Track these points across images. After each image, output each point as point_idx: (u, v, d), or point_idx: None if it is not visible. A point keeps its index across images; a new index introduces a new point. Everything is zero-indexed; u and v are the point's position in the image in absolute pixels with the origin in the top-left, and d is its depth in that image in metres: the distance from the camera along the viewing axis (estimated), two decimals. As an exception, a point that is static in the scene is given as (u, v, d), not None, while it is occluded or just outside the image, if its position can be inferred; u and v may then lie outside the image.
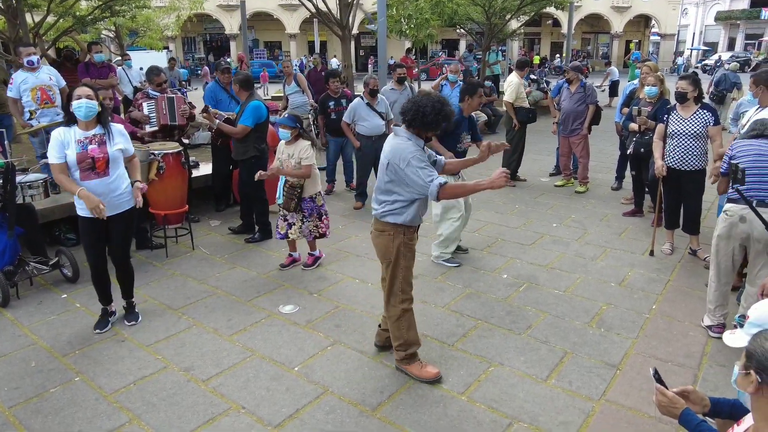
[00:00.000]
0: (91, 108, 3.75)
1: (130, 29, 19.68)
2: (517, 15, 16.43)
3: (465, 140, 5.30)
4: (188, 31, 36.87)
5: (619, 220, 6.58)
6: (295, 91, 9.01)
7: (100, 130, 3.85)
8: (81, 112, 3.72)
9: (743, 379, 1.62)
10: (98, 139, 3.82)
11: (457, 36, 38.96)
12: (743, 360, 1.64)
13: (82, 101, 3.71)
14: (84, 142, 3.77)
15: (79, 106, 3.71)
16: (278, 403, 3.28)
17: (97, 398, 3.35)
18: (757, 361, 1.58)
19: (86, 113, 3.74)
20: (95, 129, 3.84)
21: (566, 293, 4.69)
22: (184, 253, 5.69)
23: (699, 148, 5.05)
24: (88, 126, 3.81)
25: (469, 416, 3.16)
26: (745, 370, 1.61)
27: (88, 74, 7.91)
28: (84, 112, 3.72)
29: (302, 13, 35.52)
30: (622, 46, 43.58)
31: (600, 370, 3.59)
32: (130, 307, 4.33)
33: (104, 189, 3.84)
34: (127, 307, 4.32)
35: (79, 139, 3.77)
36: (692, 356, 3.75)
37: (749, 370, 1.59)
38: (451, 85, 8.73)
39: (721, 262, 3.96)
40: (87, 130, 3.81)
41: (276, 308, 4.47)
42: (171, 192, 5.47)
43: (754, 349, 1.60)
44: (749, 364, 1.60)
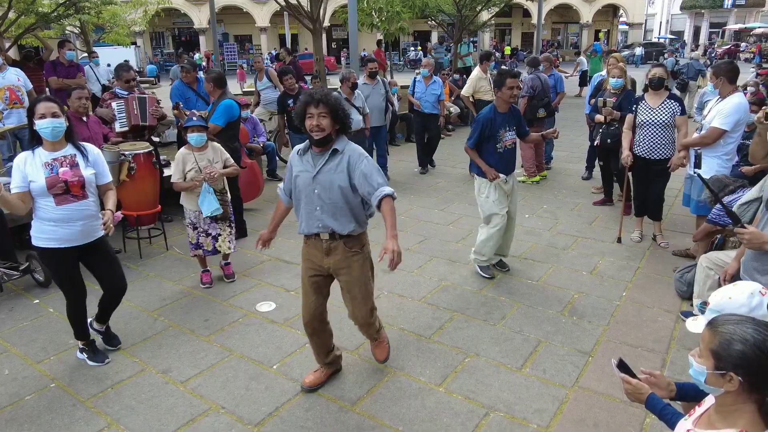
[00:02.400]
0: (58, 127, 3.27)
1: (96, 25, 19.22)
2: (488, 6, 16.53)
3: (505, 139, 4.68)
4: (156, 26, 36.16)
5: (589, 209, 6.72)
6: (267, 86, 8.95)
7: (71, 150, 3.40)
8: (47, 133, 3.25)
9: (717, 379, 1.60)
10: (69, 160, 3.35)
11: (428, 28, 38.97)
12: (711, 360, 1.61)
13: (46, 121, 3.22)
14: (53, 165, 3.29)
15: (44, 126, 3.23)
16: (258, 402, 3.30)
17: (74, 404, 3.32)
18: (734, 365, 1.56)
19: (53, 134, 3.27)
20: (64, 149, 3.37)
21: (539, 283, 4.79)
22: (158, 253, 5.64)
23: (667, 137, 5.18)
24: (56, 146, 3.34)
25: (447, 407, 3.22)
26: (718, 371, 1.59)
27: (55, 73, 7.72)
28: (50, 132, 3.25)
29: (272, 5, 35.11)
30: (591, 35, 44.10)
31: (573, 358, 3.69)
32: (109, 331, 3.95)
33: (83, 214, 3.40)
34: (106, 331, 3.94)
35: (47, 162, 3.28)
36: (661, 341, 3.87)
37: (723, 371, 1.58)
38: (426, 81, 8.56)
39: None
40: (54, 151, 3.33)
41: (253, 307, 4.47)
42: (143, 192, 5.40)
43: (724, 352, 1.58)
44: (721, 364, 1.58)
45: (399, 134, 11.46)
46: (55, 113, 3.27)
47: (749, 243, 2.67)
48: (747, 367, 1.56)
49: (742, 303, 2.12)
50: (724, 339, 1.59)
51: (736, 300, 2.12)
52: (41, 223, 3.37)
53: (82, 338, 3.76)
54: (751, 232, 2.65)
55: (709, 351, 1.62)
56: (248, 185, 6.51)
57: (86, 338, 3.77)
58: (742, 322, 1.62)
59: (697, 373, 1.67)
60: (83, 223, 3.41)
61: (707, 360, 1.63)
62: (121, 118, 5.70)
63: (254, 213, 6.73)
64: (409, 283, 4.85)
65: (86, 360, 3.73)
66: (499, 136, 4.64)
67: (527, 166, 7.87)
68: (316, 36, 13.22)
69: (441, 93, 8.37)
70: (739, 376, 1.57)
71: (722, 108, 4.50)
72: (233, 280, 4.95)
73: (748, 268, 2.83)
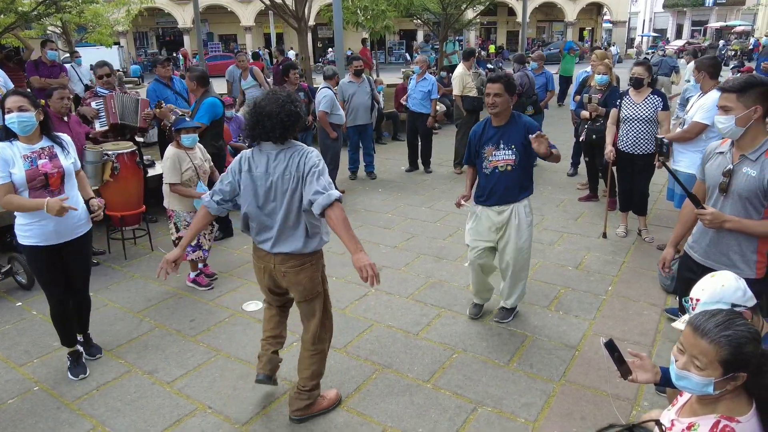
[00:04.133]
0: (25, 121, 3.15)
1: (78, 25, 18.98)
2: (473, 5, 16.58)
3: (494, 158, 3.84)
4: (139, 25, 35.79)
5: (575, 205, 6.76)
6: (252, 85, 8.88)
7: (48, 141, 3.32)
8: (15, 127, 3.15)
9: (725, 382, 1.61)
10: (48, 152, 3.28)
11: (414, 26, 39.01)
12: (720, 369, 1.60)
13: (13, 115, 3.12)
14: (32, 158, 3.21)
15: (10, 120, 3.13)
16: (245, 402, 3.28)
17: (58, 407, 3.28)
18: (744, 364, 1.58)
19: (21, 128, 3.16)
20: (41, 141, 3.29)
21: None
22: (143, 254, 5.59)
23: (650, 132, 5.22)
24: (32, 139, 3.25)
25: (435, 403, 3.22)
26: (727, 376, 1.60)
27: (37, 73, 7.60)
28: (17, 126, 3.15)
29: (257, 5, 34.91)
30: (576, 33, 44.42)
31: (560, 352, 3.71)
32: (89, 340, 3.85)
33: None
34: (86, 341, 3.82)
35: (25, 155, 3.20)
36: (646, 334, 3.91)
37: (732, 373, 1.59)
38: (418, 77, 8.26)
39: None
40: (32, 144, 3.25)
41: (239, 307, 4.44)
42: (127, 193, 5.34)
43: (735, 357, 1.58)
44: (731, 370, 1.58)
45: (385, 132, 11.46)
46: (22, 107, 3.14)
47: (710, 223, 2.71)
48: (751, 360, 1.59)
49: (737, 286, 2.13)
50: (734, 346, 1.58)
51: (728, 285, 2.13)
52: (22, 220, 3.29)
53: (67, 345, 3.61)
54: (711, 212, 2.69)
55: (717, 362, 1.59)
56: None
57: (71, 345, 3.62)
58: (728, 322, 1.61)
59: (701, 386, 1.64)
60: (56, 222, 3.26)
61: (715, 371, 1.61)
62: (101, 117, 5.62)
63: (239, 212, 6.66)
64: (397, 280, 4.85)
65: (68, 371, 3.59)
66: (484, 153, 3.86)
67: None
68: (301, 35, 13.18)
69: (432, 90, 8.20)
70: (746, 372, 1.59)
71: (703, 103, 4.54)
72: (216, 278, 4.91)
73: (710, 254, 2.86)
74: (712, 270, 2.42)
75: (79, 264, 3.55)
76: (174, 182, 4.46)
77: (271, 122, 2.71)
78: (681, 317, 2.11)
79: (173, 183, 4.48)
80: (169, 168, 4.46)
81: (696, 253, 2.95)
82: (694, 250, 2.97)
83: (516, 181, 3.83)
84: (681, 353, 1.70)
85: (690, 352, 1.66)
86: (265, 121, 2.72)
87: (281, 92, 2.81)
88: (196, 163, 4.57)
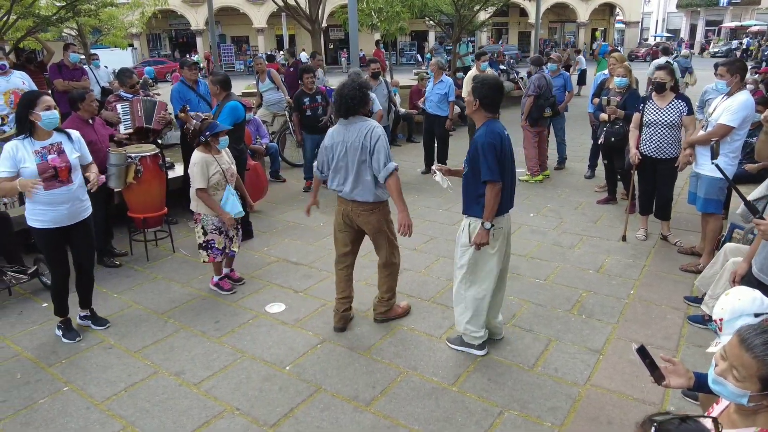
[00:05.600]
0: (56, 118, 3.68)
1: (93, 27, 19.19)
2: (486, 6, 16.55)
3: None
4: (153, 27, 36.06)
5: (593, 208, 6.74)
6: (269, 88, 8.95)
7: (58, 137, 3.76)
8: (52, 123, 3.65)
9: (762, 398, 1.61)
10: (57, 147, 3.72)
11: (426, 27, 39.00)
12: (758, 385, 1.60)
13: (52, 112, 3.63)
14: (42, 152, 3.65)
15: (51, 117, 3.63)
16: (272, 403, 3.31)
17: (88, 407, 3.33)
18: None
19: (54, 123, 3.68)
20: (52, 137, 3.73)
21: (547, 282, 4.81)
22: (165, 255, 5.64)
23: (674, 136, 5.20)
24: (46, 135, 3.70)
25: (461, 407, 3.23)
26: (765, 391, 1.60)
27: (60, 75, 7.69)
28: (54, 122, 3.67)
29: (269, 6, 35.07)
30: (588, 34, 44.23)
31: (584, 356, 3.71)
32: (95, 314, 4.30)
33: (69, 197, 3.77)
34: (92, 315, 4.28)
35: (37, 150, 3.63)
36: (670, 338, 3.90)
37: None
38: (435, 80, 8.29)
39: None
40: (44, 140, 3.68)
41: (263, 308, 4.48)
42: (149, 195, 5.40)
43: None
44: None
45: (400, 134, 11.47)
46: (55, 105, 3.69)
47: (764, 234, 2.69)
48: None
49: (753, 297, 2.14)
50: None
51: (744, 297, 2.14)
52: (33, 205, 3.71)
53: (61, 314, 4.11)
54: (766, 223, 2.67)
55: (757, 378, 1.60)
56: (252, 187, 6.48)
57: (64, 315, 4.12)
58: None
59: (735, 395, 1.65)
60: (69, 206, 3.77)
61: (753, 385, 1.61)
62: (126, 120, 5.69)
63: (259, 215, 6.73)
64: (417, 282, 4.87)
65: (61, 336, 4.08)
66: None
67: (530, 165, 7.90)
68: (314, 37, 13.25)
69: (450, 93, 8.21)
70: None
71: (730, 105, 4.52)
72: (243, 282, 4.95)
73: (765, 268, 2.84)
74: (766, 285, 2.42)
75: (86, 243, 4.03)
76: (202, 187, 4.46)
77: (339, 102, 3.74)
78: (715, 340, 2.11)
79: (201, 188, 4.48)
80: (197, 173, 4.45)
81: (755, 266, 2.94)
82: (755, 263, 2.95)
83: (466, 192, 3.61)
84: (723, 360, 1.70)
85: (731, 361, 1.66)
86: (337, 101, 3.75)
87: (351, 82, 3.74)
88: (224, 167, 4.59)
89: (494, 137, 3.38)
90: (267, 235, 6.15)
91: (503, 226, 3.58)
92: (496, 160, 3.35)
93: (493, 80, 3.51)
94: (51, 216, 3.73)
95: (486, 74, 4.02)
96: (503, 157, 3.41)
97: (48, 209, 3.71)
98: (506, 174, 3.46)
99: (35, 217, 3.74)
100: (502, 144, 3.40)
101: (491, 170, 3.33)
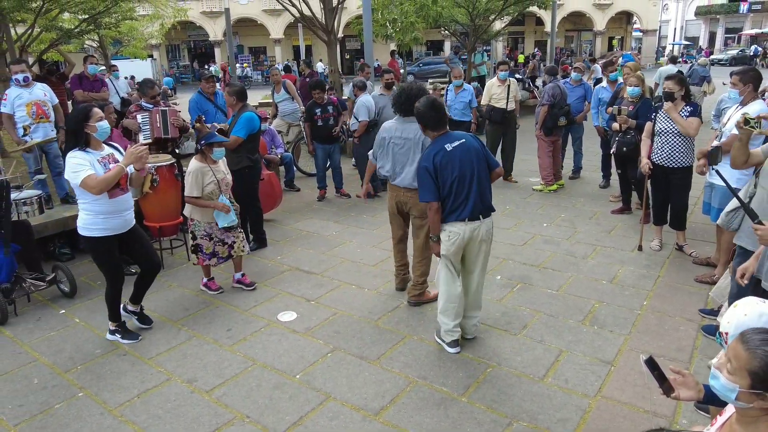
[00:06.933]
0: (108, 129, 3.85)
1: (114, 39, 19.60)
2: (501, 15, 16.59)
3: None
4: (172, 38, 36.66)
5: (607, 218, 6.70)
6: (284, 98, 9.04)
7: (109, 149, 3.93)
8: (105, 133, 3.81)
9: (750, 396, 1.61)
10: (112, 158, 3.87)
11: (441, 37, 39.13)
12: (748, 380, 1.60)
13: (105, 122, 3.80)
14: (103, 162, 3.80)
15: (105, 126, 3.78)
16: (282, 411, 3.33)
17: (102, 413, 3.39)
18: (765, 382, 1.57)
19: (108, 133, 3.86)
20: (105, 149, 3.89)
21: (559, 292, 4.79)
22: (180, 264, 5.72)
23: (685, 145, 5.16)
24: (101, 147, 3.86)
25: (470, 417, 3.23)
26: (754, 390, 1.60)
27: (81, 87, 7.87)
28: (107, 132, 3.84)
29: (286, 18, 35.50)
30: (605, 42, 44.00)
31: (594, 367, 3.68)
32: (143, 311, 4.45)
33: (127, 205, 3.96)
34: (141, 312, 4.42)
35: (99, 159, 3.79)
36: (683, 350, 3.86)
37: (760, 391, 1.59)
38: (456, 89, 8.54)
39: None
40: (101, 151, 3.84)
41: (274, 317, 4.52)
42: (165, 204, 5.49)
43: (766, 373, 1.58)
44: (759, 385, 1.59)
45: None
46: (105, 117, 3.86)
47: (761, 239, 2.68)
48: None
49: (761, 312, 2.12)
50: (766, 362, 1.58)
51: (751, 312, 2.13)
52: (94, 215, 3.81)
53: (115, 320, 4.21)
54: (765, 228, 2.66)
55: (746, 371, 1.60)
56: (266, 196, 6.58)
57: (119, 320, 4.23)
58: None
59: (726, 389, 1.66)
60: (126, 213, 3.96)
61: (742, 379, 1.62)
62: (145, 130, 5.81)
63: (273, 223, 6.79)
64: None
65: (119, 339, 4.18)
66: None
67: (544, 175, 7.87)
68: (330, 47, 13.36)
69: (472, 100, 8.57)
70: None
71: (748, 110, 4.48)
72: (254, 287, 5.01)
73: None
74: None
75: (144, 240, 4.23)
76: (195, 195, 4.62)
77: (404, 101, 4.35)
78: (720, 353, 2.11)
79: (192, 194, 4.64)
80: (191, 182, 4.63)
81: (759, 274, 2.92)
82: (759, 272, 2.93)
83: None
84: (725, 355, 1.73)
85: (728, 353, 1.69)
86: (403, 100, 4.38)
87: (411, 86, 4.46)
88: (219, 177, 4.70)
89: (428, 160, 3.69)
90: (280, 243, 6.20)
91: (459, 231, 3.72)
92: (431, 181, 3.66)
93: (426, 101, 3.81)
94: (113, 223, 3.88)
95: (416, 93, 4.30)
96: (442, 171, 3.66)
97: (111, 217, 3.85)
98: (453, 184, 3.67)
99: (97, 226, 3.84)
100: (438, 161, 3.65)
101: (426, 192, 3.70)
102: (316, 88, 7.57)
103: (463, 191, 3.68)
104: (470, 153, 3.71)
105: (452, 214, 3.71)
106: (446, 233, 3.75)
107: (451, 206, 3.70)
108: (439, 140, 3.75)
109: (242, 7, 38.46)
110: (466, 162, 3.68)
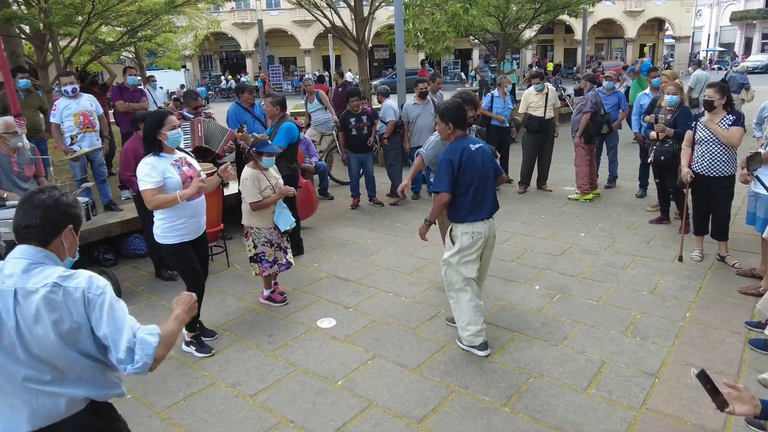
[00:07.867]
0: (181, 136, 3.96)
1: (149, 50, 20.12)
2: (531, 24, 16.52)
3: None
4: (205, 49, 37.53)
5: (646, 227, 6.60)
6: (318, 108, 9.16)
7: (179, 153, 4.01)
8: (176, 141, 3.89)
9: None
10: (184, 161, 3.97)
11: (470, 45, 39.12)
12: None
13: (178, 131, 3.89)
14: (177, 164, 3.89)
15: (176, 135, 3.87)
16: (326, 417, 3.37)
17: (150, 415, 3.47)
18: None
19: (179, 141, 3.94)
20: (177, 153, 3.97)
21: (599, 303, 4.74)
22: (220, 270, 5.83)
23: (726, 154, 5.08)
24: (172, 151, 3.93)
25: (513, 427, 3.22)
26: None
27: (122, 97, 8.10)
28: (179, 140, 3.92)
29: (316, 28, 35.97)
30: (636, 50, 43.40)
31: (638, 379, 3.64)
32: (203, 324, 4.42)
33: (201, 208, 4.06)
34: (201, 325, 4.37)
35: (172, 163, 3.87)
36: (730, 363, 3.78)
37: None
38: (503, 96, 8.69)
39: None
40: (173, 155, 3.93)
41: (314, 323, 4.57)
42: (207, 212, 5.54)
43: None
44: None
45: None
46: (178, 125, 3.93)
47: None
48: None
49: None
50: None
51: None
52: (172, 221, 3.89)
53: (192, 330, 4.18)
54: None
55: None
56: (303, 204, 6.68)
57: (195, 329, 4.21)
58: None
59: None
60: (201, 217, 4.05)
61: None
62: (186, 139, 5.95)
63: (309, 231, 6.88)
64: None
65: (193, 352, 4.15)
66: None
67: (581, 183, 7.80)
68: (361, 57, 13.49)
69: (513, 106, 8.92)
70: None
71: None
72: (286, 299, 5.03)
73: None
74: None
75: (206, 252, 4.36)
76: (255, 201, 4.63)
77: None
78: None
79: (251, 201, 4.63)
80: (249, 188, 4.63)
81: None
82: None
83: None
84: None
85: None
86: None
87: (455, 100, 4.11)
88: (273, 182, 4.76)
89: (454, 153, 3.82)
90: (317, 251, 6.28)
91: (481, 231, 3.89)
92: (450, 174, 3.78)
93: (454, 102, 4.03)
94: (190, 228, 3.97)
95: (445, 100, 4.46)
96: (465, 169, 3.81)
97: (189, 221, 3.94)
98: (473, 184, 3.82)
99: (176, 232, 3.92)
100: (464, 158, 3.80)
101: (440, 183, 3.82)
102: (354, 96, 7.64)
103: (483, 191, 3.87)
104: (487, 156, 3.94)
105: (473, 213, 3.86)
106: (469, 235, 3.86)
107: (471, 206, 3.84)
108: (462, 139, 3.92)
109: (273, 18, 39.17)
110: (487, 164, 3.90)
